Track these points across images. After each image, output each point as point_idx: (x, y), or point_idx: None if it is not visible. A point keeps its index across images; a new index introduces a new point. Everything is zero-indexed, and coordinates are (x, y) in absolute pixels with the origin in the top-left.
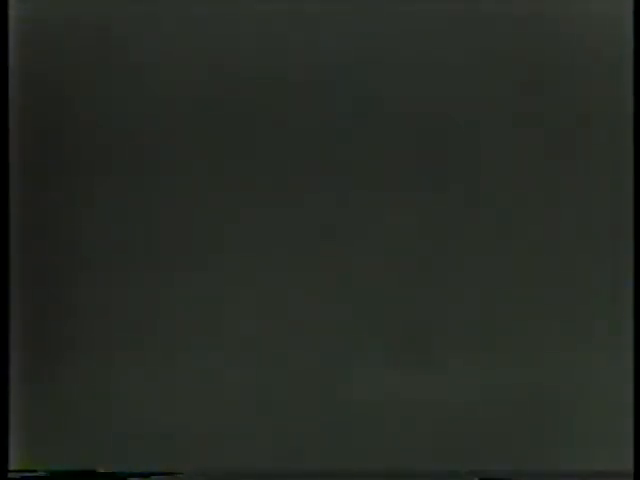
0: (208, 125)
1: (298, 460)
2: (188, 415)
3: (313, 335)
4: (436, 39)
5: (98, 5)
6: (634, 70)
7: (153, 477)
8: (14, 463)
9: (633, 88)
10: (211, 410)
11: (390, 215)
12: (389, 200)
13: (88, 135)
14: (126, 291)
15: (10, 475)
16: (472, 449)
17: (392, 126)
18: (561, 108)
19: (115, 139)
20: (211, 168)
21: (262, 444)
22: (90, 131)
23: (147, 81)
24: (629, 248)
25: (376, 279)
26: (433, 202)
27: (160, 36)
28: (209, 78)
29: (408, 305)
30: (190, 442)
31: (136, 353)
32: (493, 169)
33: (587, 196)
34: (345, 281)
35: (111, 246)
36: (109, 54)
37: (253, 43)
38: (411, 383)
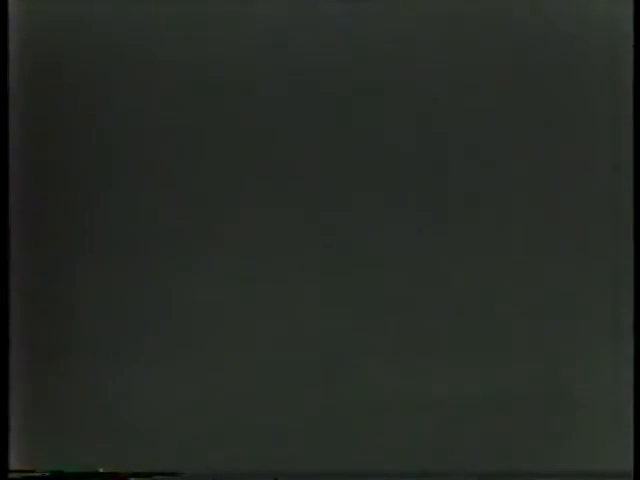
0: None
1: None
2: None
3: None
4: None
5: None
6: (634, 70)
7: (154, 477)
8: (14, 463)
9: (633, 88)
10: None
11: None
12: None
13: None
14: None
15: (10, 475)
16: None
17: None
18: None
19: None
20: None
21: None
22: None
23: None
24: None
25: None
26: None
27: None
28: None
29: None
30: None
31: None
32: None
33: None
34: None
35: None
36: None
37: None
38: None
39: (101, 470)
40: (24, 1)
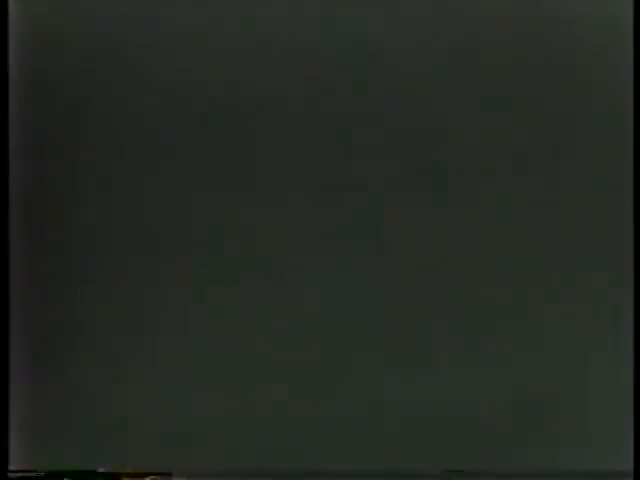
0: None
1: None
2: None
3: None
4: None
5: None
6: (634, 70)
7: (151, 477)
8: (14, 463)
9: (633, 88)
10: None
11: None
12: None
13: None
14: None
15: (10, 475)
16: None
17: None
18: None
19: None
20: None
21: None
22: None
23: None
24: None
25: None
26: None
27: None
28: None
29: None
30: None
31: None
32: None
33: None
34: None
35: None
36: None
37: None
38: None
39: (100, 470)
40: (24, 1)
